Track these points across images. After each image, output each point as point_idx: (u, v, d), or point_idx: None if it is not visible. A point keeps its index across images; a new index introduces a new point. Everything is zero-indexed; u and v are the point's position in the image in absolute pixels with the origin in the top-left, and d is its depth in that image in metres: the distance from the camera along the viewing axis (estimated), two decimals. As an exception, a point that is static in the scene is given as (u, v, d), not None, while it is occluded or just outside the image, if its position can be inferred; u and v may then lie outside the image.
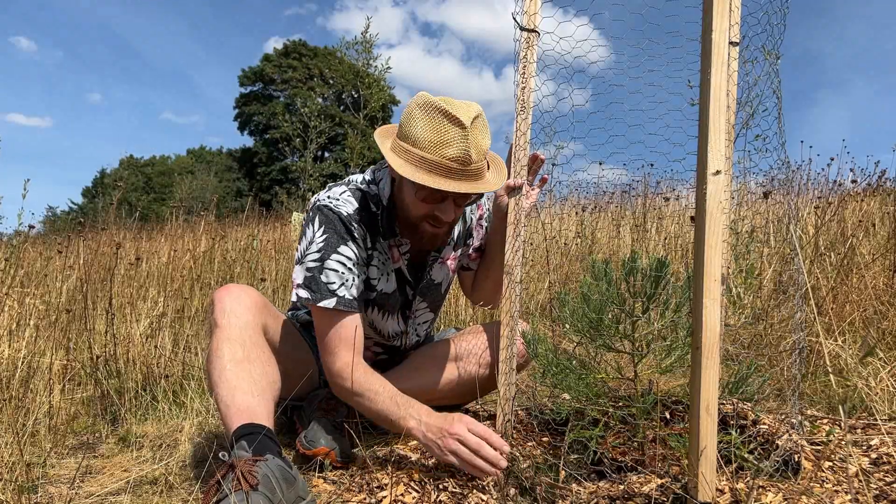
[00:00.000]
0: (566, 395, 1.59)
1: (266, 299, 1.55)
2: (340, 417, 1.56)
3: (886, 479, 1.21)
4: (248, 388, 1.32)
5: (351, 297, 1.48)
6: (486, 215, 1.77)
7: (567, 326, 1.39)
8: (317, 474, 1.40)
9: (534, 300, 3.41)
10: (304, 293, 1.46)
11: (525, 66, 1.50)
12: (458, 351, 1.71)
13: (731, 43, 1.41)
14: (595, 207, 5.53)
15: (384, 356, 1.78)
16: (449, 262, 1.74)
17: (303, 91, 31.04)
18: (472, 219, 1.75)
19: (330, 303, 1.45)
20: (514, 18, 1.51)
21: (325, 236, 1.48)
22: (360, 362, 1.47)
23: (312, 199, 1.56)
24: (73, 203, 34.47)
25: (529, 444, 1.50)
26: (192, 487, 1.39)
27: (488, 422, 1.68)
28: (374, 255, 1.57)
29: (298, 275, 1.49)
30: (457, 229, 1.72)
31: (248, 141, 37.44)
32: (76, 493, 1.37)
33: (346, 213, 1.50)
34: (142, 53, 75.42)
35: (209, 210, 5.72)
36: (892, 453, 1.31)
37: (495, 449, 1.29)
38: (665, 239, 4.21)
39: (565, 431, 1.35)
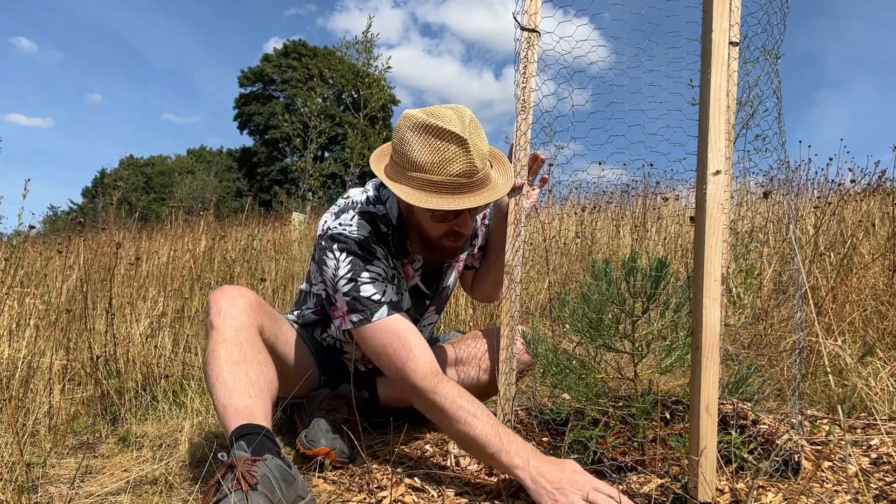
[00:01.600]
0: (566, 395, 1.59)
1: (262, 300, 1.54)
2: (341, 417, 1.56)
3: (886, 479, 1.21)
4: (245, 388, 1.31)
5: (397, 300, 1.44)
6: (487, 214, 1.78)
7: (567, 326, 1.39)
8: (317, 474, 1.40)
9: (534, 300, 3.41)
10: (355, 317, 1.41)
11: (525, 66, 1.50)
12: (458, 355, 1.71)
13: (731, 43, 1.41)
14: (595, 207, 5.53)
15: None
16: (459, 264, 1.76)
17: (303, 91, 31.04)
18: (477, 219, 1.76)
19: (382, 312, 1.40)
20: (515, 18, 1.51)
21: (349, 259, 1.45)
22: (445, 375, 1.34)
23: (322, 227, 1.52)
24: (73, 203, 34.48)
25: (529, 444, 1.50)
26: (192, 487, 1.39)
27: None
28: (394, 273, 1.54)
29: (341, 303, 1.44)
30: None
31: (247, 141, 37.45)
32: (76, 493, 1.37)
33: (362, 237, 1.47)
34: (142, 54, 75.46)
35: (209, 210, 5.72)
36: (891, 453, 1.31)
37: None
38: (665, 239, 4.21)
39: (565, 431, 1.35)
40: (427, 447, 1.55)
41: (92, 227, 5.30)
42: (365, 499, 1.26)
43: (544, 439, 1.52)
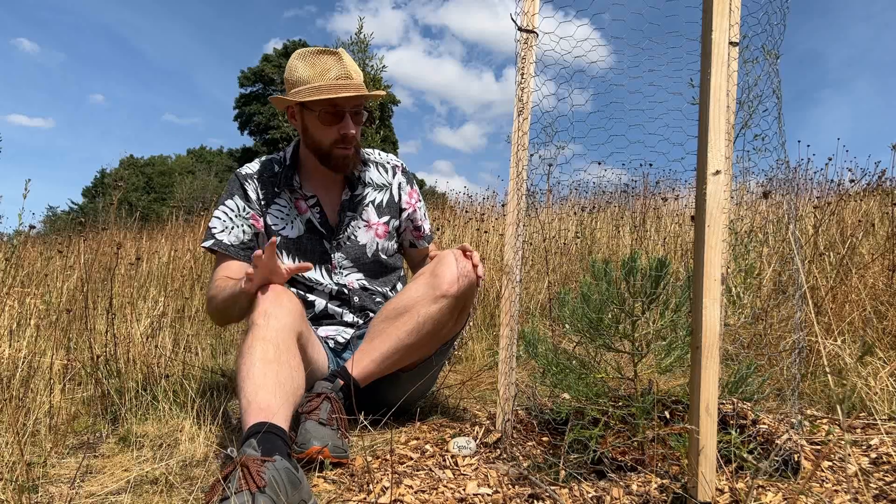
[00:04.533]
0: (566, 395, 1.59)
1: (303, 307, 1.61)
2: (324, 415, 1.55)
3: (886, 478, 1.21)
4: (273, 388, 1.33)
5: (228, 243, 1.76)
6: (419, 203, 1.99)
7: (567, 326, 1.39)
8: (317, 474, 1.40)
9: (534, 300, 3.41)
10: (203, 240, 1.78)
11: (524, 67, 1.50)
12: (407, 300, 1.70)
13: (731, 43, 1.41)
14: (595, 207, 5.53)
15: (355, 314, 1.89)
16: (376, 227, 1.90)
17: (303, 91, 30.98)
18: (401, 195, 1.96)
19: (207, 243, 1.75)
20: (513, 19, 1.51)
21: (223, 193, 1.82)
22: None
23: None
24: (73, 203, 34.44)
25: (529, 443, 1.50)
26: (192, 487, 1.40)
27: (489, 421, 1.69)
28: (274, 205, 1.83)
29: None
30: (380, 196, 1.92)
31: (248, 141, 37.45)
32: (77, 493, 1.37)
33: (243, 173, 1.83)
34: (143, 55, 75.55)
35: (209, 210, 5.72)
36: (891, 453, 1.31)
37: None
38: (665, 239, 4.21)
39: (565, 431, 1.35)
40: (427, 447, 1.55)
41: (92, 227, 5.29)
42: (365, 499, 1.26)
43: (544, 439, 1.52)
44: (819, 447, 1.38)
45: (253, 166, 1.84)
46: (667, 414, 1.48)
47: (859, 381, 1.70)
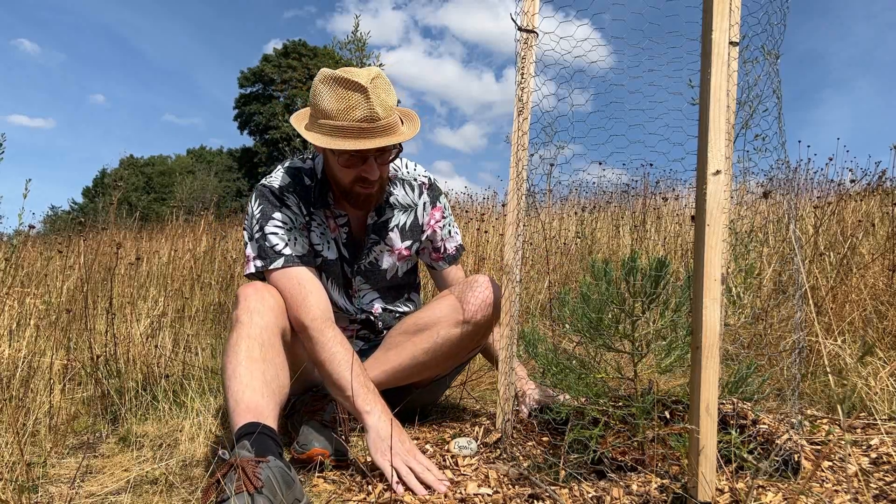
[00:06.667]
0: (566, 395, 1.59)
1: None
2: (328, 416, 1.55)
3: (886, 478, 1.21)
4: (260, 387, 1.33)
5: (298, 254, 1.58)
6: (441, 222, 1.83)
7: (567, 326, 1.39)
8: (317, 474, 1.40)
9: (534, 300, 3.41)
10: (259, 263, 1.57)
11: (524, 67, 1.50)
12: (428, 318, 1.69)
13: (731, 43, 1.41)
14: (595, 207, 5.53)
15: (364, 331, 1.83)
16: (399, 252, 1.78)
17: (302, 91, 31.03)
18: (423, 216, 1.80)
19: (279, 263, 1.55)
20: (513, 19, 1.51)
21: (260, 207, 1.61)
22: (333, 321, 1.54)
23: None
24: (73, 203, 34.46)
25: (529, 443, 1.50)
26: (192, 487, 1.40)
27: (489, 421, 1.69)
28: (313, 220, 1.68)
29: (251, 249, 1.60)
30: (404, 218, 1.77)
31: (248, 141, 37.54)
32: (76, 493, 1.37)
33: (277, 186, 1.63)
34: (144, 55, 75.53)
35: (209, 210, 5.72)
36: (891, 453, 1.31)
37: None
38: (665, 239, 4.21)
39: (565, 431, 1.35)
40: (427, 447, 1.55)
41: (92, 227, 5.29)
42: (365, 499, 1.26)
43: (544, 439, 1.52)
44: (819, 447, 1.38)
45: (280, 178, 1.65)
46: (667, 414, 1.48)
47: (859, 381, 1.70)
